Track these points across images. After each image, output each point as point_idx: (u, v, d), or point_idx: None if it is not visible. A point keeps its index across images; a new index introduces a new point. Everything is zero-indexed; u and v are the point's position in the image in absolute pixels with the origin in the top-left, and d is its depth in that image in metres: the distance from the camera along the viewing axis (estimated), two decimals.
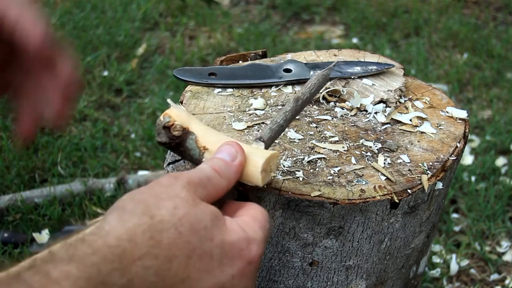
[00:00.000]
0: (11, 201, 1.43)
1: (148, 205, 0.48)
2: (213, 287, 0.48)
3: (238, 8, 2.62)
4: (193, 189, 0.51)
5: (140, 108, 1.87)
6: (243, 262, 0.51)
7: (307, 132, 0.78)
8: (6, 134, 1.65)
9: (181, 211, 0.48)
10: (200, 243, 0.48)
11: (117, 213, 0.48)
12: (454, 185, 1.59)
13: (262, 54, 0.96)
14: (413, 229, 0.76)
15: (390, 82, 0.88)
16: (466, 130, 0.81)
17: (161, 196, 0.49)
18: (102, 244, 0.45)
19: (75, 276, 0.42)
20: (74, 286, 0.42)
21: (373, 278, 0.77)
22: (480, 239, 1.45)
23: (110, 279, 0.44)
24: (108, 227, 0.46)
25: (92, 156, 1.62)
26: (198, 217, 0.49)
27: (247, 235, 0.52)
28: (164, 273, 0.46)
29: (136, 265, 0.45)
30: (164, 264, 0.46)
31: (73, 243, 0.45)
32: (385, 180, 0.71)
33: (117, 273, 0.44)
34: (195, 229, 0.48)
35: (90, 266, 0.43)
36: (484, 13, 2.64)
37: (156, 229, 0.47)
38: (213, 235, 0.49)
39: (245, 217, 0.54)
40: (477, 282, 1.36)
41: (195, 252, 0.48)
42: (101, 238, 0.45)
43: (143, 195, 0.49)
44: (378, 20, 2.50)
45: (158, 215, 0.47)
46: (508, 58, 2.26)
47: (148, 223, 0.47)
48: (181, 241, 0.47)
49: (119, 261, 0.44)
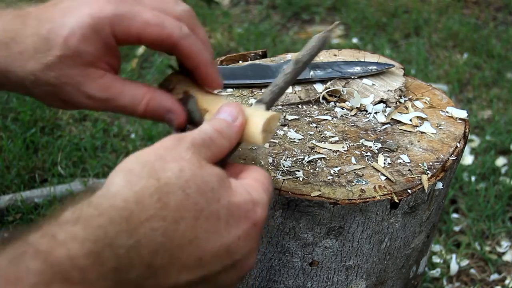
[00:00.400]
0: (11, 201, 1.43)
1: (154, 168, 0.48)
2: (220, 247, 0.49)
3: (238, 8, 2.62)
4: (197, 151, 0.51)
5: None
6: (249, 223, 0.51)
7: (307, 132, 0.78)
8: (6, 134, 1.65)
9: (188, 174, 0.48)
10: (207, 205, 0.48)
11: (123, 176, 0.47)
12: (454, 185, 1.59)
13: (262, 54, 0.96)
14: (413, 229, 0.76)
15: (390, 82, 0.88)
16: (466, 130, 0.81)
17: (166, 159, 0.49)
18: (109, 206, 0.45)
19: (82, 238, 0.42)
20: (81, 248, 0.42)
21: (373, 278, 0.77)
22: (480, 239, 1.45)
23: (117, 240, 0.43)
24: (114, 190, 0.46)
25: (92, 156, 1.62)
26: (204, 179, 0.49)
27: (252, 197, 0.52)
28: (171, 234, 0.46)
29: (143, 226, 0.45)
30: (171, 226, 0.46)
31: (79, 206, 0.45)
32: (385, 180, 0.71)
33: (124, 235, 0.44)
34: (202, 191, 0.48)
35: (97, 228, 0.43)
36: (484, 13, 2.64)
37: (163, 191, 0.47)
38: (220, 196, 0.49)
39: (249, 179, 0.55)
40: (477, 282, 1.36)
41: (203, 213, 0.48)
42: (107, 200, 0.45)
43: (149, 157, 0.49)
44: (378, 20, 2.50)
45: (165, 178, 0.47)
46: (508, 58, 2.26)
47: (155, 185, 0.47)
48: (189, 202, 0.47)
49: (126, 223, 0.44)
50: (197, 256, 0.47)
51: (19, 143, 1.60)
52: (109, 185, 0.47)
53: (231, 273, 0.51)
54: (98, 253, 0.42)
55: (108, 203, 0.45)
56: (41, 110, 1.77)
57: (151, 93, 0.62)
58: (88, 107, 0.61)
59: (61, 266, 0.40)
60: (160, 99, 0.62)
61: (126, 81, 0.61)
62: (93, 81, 0.59)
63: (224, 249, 0.49)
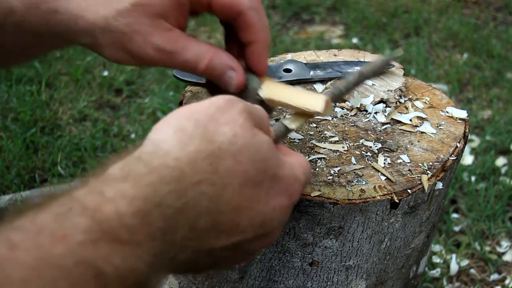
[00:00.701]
0: (11, 201, 1.43)
1: (207, 129, 0.47)
2: (257, 216, 0.49)
3: None
4: (249, 117, 0.50)
5: (140, 108, 1.87)
6: (286, 197, 0.52)
7: (307, 132, 0.78)
8: (6, 134, 1.65)
9: (241, 140, 0.48)
10: (255, 173, 0.48)
11: (174, 133, 0.46)
12: (454, 185, 1.59)
13: None
14: (413, 229, 0.76)
15: (390, 82, 0.88)
16: (466, 130, 0.81)
17: (219, 120, 0.48)
18: (160, 164, 0.44)
19: (131, 196, 0.41)
20: (130, 206, 0.40)
21: (373, 278, 0.77)
22: (480, 239, 1.45)
23: (166, 200, 0.42)
24: (166, 147, 0.45)
25: (92, 156, 1.62)
26: (256, 147, 0.49)
27: (294, 173, 0.53)
28: (217, 199, 0.46)
29: (193, 189, 0.44)
30: (219, 191, 0.46)
31: (128, 162, 0.44)
32: (385, 180, 0.71)
33: (173, 196, 0.43)
34: (253, 160, 0.48)
35: (146, 186, 0.42)
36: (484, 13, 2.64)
37: (215, 156, 0.46)
38: (268, 167, 0.50)
39: (292, 159, 0.55)
40: (477, 282, 1.36)
41: (250, 181, 0.48)
42: (158, 158, 0.44)
43: (200, 116, 0.48)
44: (378, 20, 2.50)
45: (218, 142, 0.47)
46: (508, 58, 2.26)
47: (209, 149, 0.46)
48: (238, 169, 0.47)
49: (177, 183, 0.43)
50: (235, 223, 0.47)
51: (19, 143, 1.60)
52: (159, 141, 0.46)
53: (258, 242, 0.51)
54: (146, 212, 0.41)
55: (159, 161, 0.44)
56: (41, 110, 1.77)
57: (215, 50, 0.63)
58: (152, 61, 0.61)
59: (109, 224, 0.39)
60: (223, 57, 0.63)
61: (191, 37, 0.63)
62: (162, 32, 0.60)
63: (261, 218, 0.49)
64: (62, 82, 1.94)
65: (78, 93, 1.90)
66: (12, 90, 1.84)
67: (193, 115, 0.48)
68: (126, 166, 0.44)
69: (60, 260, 0.36)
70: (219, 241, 0.47)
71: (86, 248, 0.37)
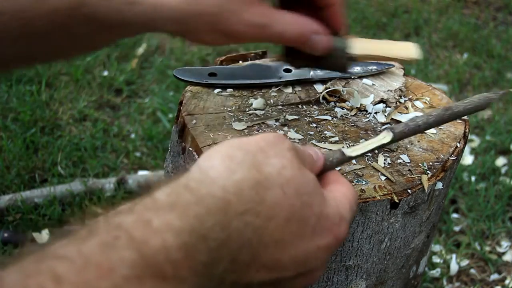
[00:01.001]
0: (11, 201, 1.43)
1: (256, 159, 0.46)
2: (300, 253, 0.47)
3: None
4: (297, 154, 0.50)
5: (140, 108, 1.87)
6: (332, 236, 0.50)
7: (307, 132, 0.78)
8: (6, 134, 1.65)
9: (288, 172, 0.47)
10: (300, 208, 0.47)
11: (223, 161, 0.45)
12: (454, 185, 1.59)
13: (262, 54, 0.96)
14: (413, 229, 0.76)
15: (390, 82, 0.88)
16: (466, 130, 0.81)
17: (268, 153, 0.47)
18: (207, 194, 0.42)
19: (178, 228, 0.40)
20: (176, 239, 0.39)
21: (373, 278, 0.77)
22: (480, 239, 1.45)
23: (211, 233, 0.41)
24: (214, 175, 0.44)
25: (92, 156, 1.62)
26: (303, 182, 0.48)
27: (340, 212, 0.51)
28: (261, 232, 0.44)
29: (238, 219, 0.43)
30: (263, 223, 0.44)
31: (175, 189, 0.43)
32: (385, 180, 0.71)
33: (218, 227, 0.41)
34: (299, 193, 0.47)
35: (193, 217, 0.41)
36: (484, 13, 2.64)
37: (262, 186, 0.45)
38: (313, 203, 0.48)
39: (338, 193, 0.54)
40: (477, 282, 1.36)
41: (295, 215, 0.46)
42: (206, 187, 0.43)
43: (250, 147, 0.47)
44: (378, 20, 2.50)
45: (266, 172, 0.46)
46: (508, 58, 2.26)
47: (256, 177, 0.45)
48: (285, 202, 0.46)
49: (222, 214, 0.42)
50: (277, 258, 0.46)
51: (19, 143, 1.60)
52: (206, 168, 0.45)
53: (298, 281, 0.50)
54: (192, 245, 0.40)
55: (206, 190, 0.43)
56: (41, 110, 1.77)
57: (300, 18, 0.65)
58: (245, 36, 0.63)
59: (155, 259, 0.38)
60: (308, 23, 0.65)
61: (278, 9, 0.65)
62: (252, 7, 0.62)
63: (303, 256, 0.48)
64: (62, 82, 1.94)
65: (78, 93, 1.90)
66: (12, 90, 1.84)
67: (243, 145, 0.48)
68: (173, 193, 0.42)
69: None
70: (259, 275, 0.46)
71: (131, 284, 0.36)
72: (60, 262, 0.35)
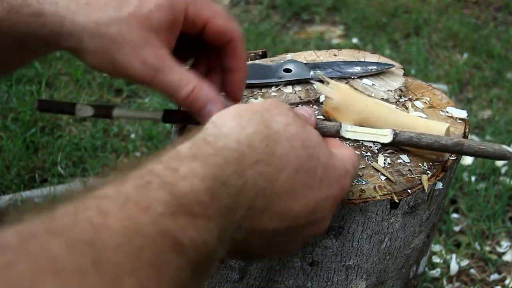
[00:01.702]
0: (11, 201, 1.43)
1: (263, 116, 0.51)
2: (309, 203, 0.51)
3: (238, 8, 2.62)
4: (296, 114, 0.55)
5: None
6: (338, 187, 0.54)
7: None
8: (6, 134, 1.65)
9: (293, 128, 0.51)
10: (308, 160, 0.51)
11: (233, 119, 0.50)
12: (454, 185, 1.59)
13: (262, 54, 0.96)
14: (413, 229, 0.76)
15: (390, 82, 0.88)
16: (466, 130, 0.81)
17: (273, 111, 0.52)
18: (223, 146, 0.47)
19: (202, 174, 0.44)
20: (201, 184, 0.43)
21: (373, 278, 0.77)
22: (480, 239, 1.45)
23: (230, 180, 0.45)
24: (227, 130, 0.49)
25: (92, 156, 1.63)
26: (308, 136, 0.52)
27: (345, 165, 0.55)
28: (273, 181, 0.48)
29: (251, 169, 0.47)
30: (275, 173, 0.49)
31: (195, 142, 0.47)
32: (385, 180, 0.71)
33: (236, 175, 0.46)
34: (305, 146, 0.51)
35: (213, 166, 0.45)
36: (484, 13, 2.65)
37: (271, 139, 0.49)
38: (320, 155, 0.52)
39: (341, 151, 0.58)
40: (477, 282, 1.36)
41: (303, 167, 0.50)
42: (222, 140, 0.47)
43: (257, 107, 0.52)
44: (378, 20, 2.50)
45: (273, 127, 0.50)
46: (508, 58, 2.26)
47: (265, 132, 0.49)
48: (292, 154, 0.50)
49: (238, 164, 0.46)
50: (289, 207, 0.50)
51: (19, 143, 1.60)
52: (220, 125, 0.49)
53: (308, 230, 0.53)
54: (215, 190, 0.44)
55: (222, 143, 0.47)
56: None
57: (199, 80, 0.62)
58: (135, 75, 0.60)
59: (185, 199, 0.41)
60: (206, 88, 0.62)
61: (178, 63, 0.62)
62: (152, 48, 0.60)
63: (313, 205, 0.51)
64: (62, 82, 1.94)
65: (78, 93, 1.90)
66: (12, 90, 1.84)
67: (250, 107, 0.52)
68: (194, 146, 0.46)
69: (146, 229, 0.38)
70: (272, 223, 0.49)
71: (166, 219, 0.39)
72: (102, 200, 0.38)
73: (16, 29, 0.60)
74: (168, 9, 0.60)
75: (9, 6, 0.59)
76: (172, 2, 0.60)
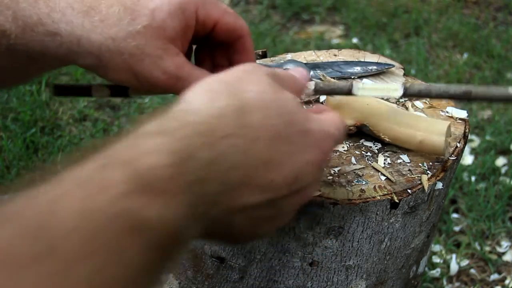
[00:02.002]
0: None
1: (234, 87, 0.49)
2: (290, 171, 0.49)
3: (238, 8, 2.62)
4: (275, 78, 0.53)
5: (140, 108, 1.87)
6: (319, 152, 0.52)
7: None
8: (6, 134, 1.65)
9: (267, 96, 0.50)
10: (284, 127, 0.49)
11: (204, 93, 0.49)
12: (454, 185, 1.59)
13: (262, 54, 0.96)
14: (413, 229, 0.76)
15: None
16: (466, 130, 0.81)
17: (245, 80, 0.50)
18: (192, 120, 0.45)
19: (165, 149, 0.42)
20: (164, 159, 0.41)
21: (373, 278, 0.77)
22: (480, 239, 1.45)
23: (199, 152, 0.43)
24: (197, 105, 0.47)
25: None
26: (283, 103, 0.50)
27: (325, 129, 0.54)
28: (248, 153, 0.47)
29: (224, 142, 0.45)
30: (249, 144, 0.47)
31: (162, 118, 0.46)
32: (385, 180, 0.71)
33: (206, 148, 0.44)
34: (280, 114, 0.49)
35: (179, 139, 0.43)
36: (484, 13, 2.65)
37: (243, 110, 0.48)
38: (297, 121, 0.51)
39: (322, 115, 0.56)
40: (477, 282, 1.36)
41: (279, 135, 0.49)
42: (190, 115, 0.46)
43: (228, 78, 0.51)
44: (378, 20, 2.50)
45: (245, 98, 0.49)
46: (508, 58, 2.26)
47: (237, 104, 0.48)
48: (267, 123, 0.48)
49: (208, 136, 0.45)
50: (269, 178, 0.48)
51: (19, 143, 1.60)
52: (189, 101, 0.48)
53: (293, 199, 0.51)
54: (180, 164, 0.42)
55: (191, 117, 0.46)
56: (41, 110, 1.77)
57: None
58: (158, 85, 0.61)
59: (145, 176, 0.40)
60: None
61: (195, 66, 0.64)
62: (171, 57, 0.61)
63: (294, 173, 0.50)
64: (62, 82, 1.94)
65: None
66: (12, 90, 1.84)
67: (222, 78, 0.51)
68: (160, 122, 0.45)
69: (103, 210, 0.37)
70: (252, 197, 0.47)
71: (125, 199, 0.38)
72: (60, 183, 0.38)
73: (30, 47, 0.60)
74: (180, 16, 0.60)
75: (24, 24, 0.59)
76: (183, 8, 0.60)
